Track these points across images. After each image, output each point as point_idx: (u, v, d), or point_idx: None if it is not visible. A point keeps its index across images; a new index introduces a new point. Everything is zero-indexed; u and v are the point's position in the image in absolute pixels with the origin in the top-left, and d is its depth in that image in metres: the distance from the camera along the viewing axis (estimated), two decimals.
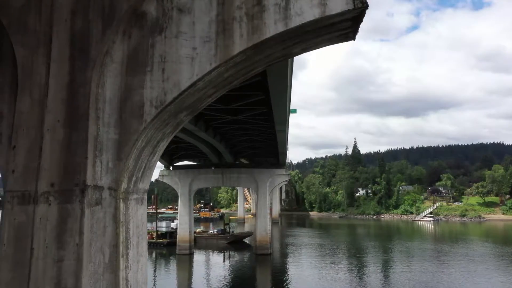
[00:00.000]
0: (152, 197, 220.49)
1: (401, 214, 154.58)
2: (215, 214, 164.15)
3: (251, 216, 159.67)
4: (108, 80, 6.90)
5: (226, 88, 8.10)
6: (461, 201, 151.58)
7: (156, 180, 75.50)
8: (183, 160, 73.33)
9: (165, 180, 68.59)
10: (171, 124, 7.72)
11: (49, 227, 6.32)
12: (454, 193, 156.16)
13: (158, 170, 70.57)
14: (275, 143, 55.78)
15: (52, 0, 6.93)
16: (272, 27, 6.82)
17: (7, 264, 6.28)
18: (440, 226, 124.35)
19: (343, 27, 7.28)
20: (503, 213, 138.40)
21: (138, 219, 7.48)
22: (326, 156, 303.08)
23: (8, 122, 7.03)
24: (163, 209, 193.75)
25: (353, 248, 76.40)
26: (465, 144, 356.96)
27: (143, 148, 7.23)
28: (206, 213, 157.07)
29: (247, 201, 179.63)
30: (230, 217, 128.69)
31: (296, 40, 7.35)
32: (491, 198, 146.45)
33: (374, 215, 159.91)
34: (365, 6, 6.69)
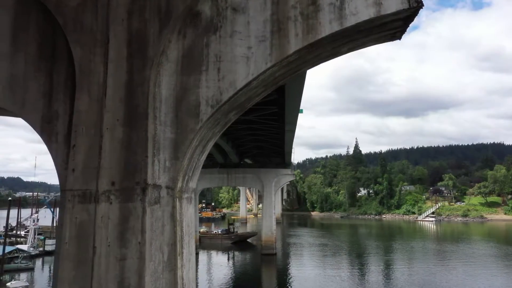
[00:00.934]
0: None
1: (403, 214, 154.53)
2: (217, 214, 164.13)
3: (252, 216, 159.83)
4: (163, 79, 6.93)
5: (272, 88, 8.13)
6: (463, 201, 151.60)
7: None
8: None
9: None
10: (221, 123, 7.74)
11: (111, 226, 6.34)
12: (456, 193, 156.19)
13: None
14: (281, 143, 55.83)
15: (108, 0, 6.94)
16: (327, 26, 6.84)
17: (69, 263, 6.31)
18: (442, 226, 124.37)
19: (393, 26, 7.31)
20: (505, 213, 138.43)
21: (188, 218, 7.51)
22: (327, 156, 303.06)
23: (63, 121, 7.05)
24: None
25: (357, 248, 76.43)
26: (465, 144, 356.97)
27: (196, 147, 7.26)
28: (208, 213, 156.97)
29: (248, 201, 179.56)
30: (233, 217, 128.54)
31: (346, 39, 7.37)
32: (493, 198, 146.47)
33: (376, 215, 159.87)
34: (420, 5, 6.72)
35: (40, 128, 7.10)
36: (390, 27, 7.32)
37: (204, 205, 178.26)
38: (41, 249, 67.41)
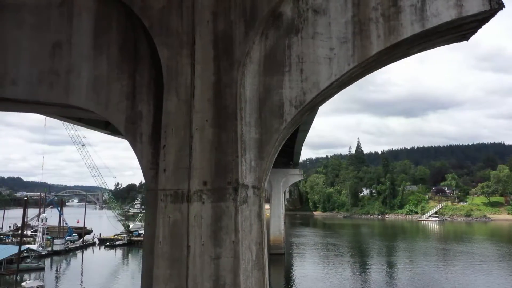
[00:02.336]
0: None
1: (405, 214, 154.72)
2: None
3: None
4: (247, 80, 7.01)
5: (343, 88, 8.21)
6: (466, 201, 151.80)
7: None
8: None
9: None
10: (296, 123, 7.83)
11: (204, 225, 6.43)
12: (459, 193, 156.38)
13: None
14: (292, 143, 55.90)
15: (192, 2, 7.03)
16: (409, 28, 6.92)
17: (164, 261, 6.39)
18: (446, 226, 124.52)
19: (468, 27, 7.40)
20: (508, 213, 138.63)
21: (264, 217, 7.59)
22: (327, 156, 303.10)
23: (147, 122, 7.14)
24: None
25: (363, 247, 76.56)
26: (466, 144, 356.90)
27: (277, 147, 7.35)
28: None
29: None
30: None
31: (423, 40, 7.46)
32: (496, 198, 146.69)
33: (378, 215, 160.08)
34: (501, 6, 6.81)
35: (125, 128, 7.18)
36: (465, 28, 7.41)
37: None
38: (49, 249, 67.49)
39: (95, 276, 52.41)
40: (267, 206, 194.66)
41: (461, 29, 7.39)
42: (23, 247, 58.93)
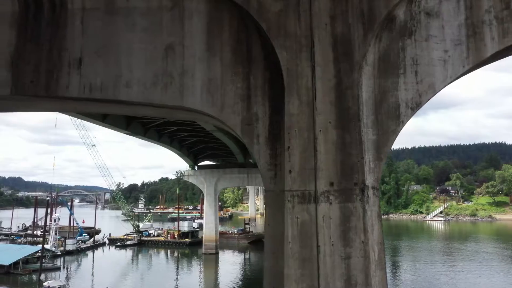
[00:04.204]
0: (160, 197, 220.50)
1: (410, 213, 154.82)
2: (225, 214, 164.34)
3: (259, 215, 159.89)
4: (363, 82, 7.11)
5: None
6: (471, 201, 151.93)
7: (179, 180, 75.66)
8: (205, 160, 73.58)
9: (190, 180, 68.85)
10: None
11: (333, 226, 6.52)
12: (463, 193, 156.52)
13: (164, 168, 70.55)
14: None
15: (310, 5, 7.12)
16: None
17: (294, 261, 6.48)
18: (451, 225, 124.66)
19: None
20: None
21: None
22: None
23: (264, 123, 7.23)
24: (171, 208, 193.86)
25: None
26: (467, 144, 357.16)
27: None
28: None
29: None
30: (244, 217, 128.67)
31: None
32: (501, 198, 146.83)
33: (383, 214, 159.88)
34: None
35: (241, 130, 7.27)
36: None
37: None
38: (61, 248, 67.58)
39: (111, 276, 52.51)
40: None
41: None
42: (39, 247, 58.98)
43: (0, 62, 7.53)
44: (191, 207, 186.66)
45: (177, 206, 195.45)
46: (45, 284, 41.31)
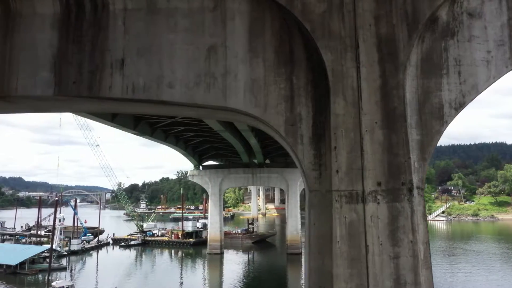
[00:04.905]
0: (162, 197, 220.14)
1: None
2: (226, 214, 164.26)
3: (261, 215, 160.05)
4: (407, 82, 7.15)
5: None
6: (473, 201, 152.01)
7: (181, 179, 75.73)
8: (209, 160, 73.63)
9: (195, 180, 68.88)
10: None
11: (381, 225, 6.57)
12: (465, 193, 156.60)
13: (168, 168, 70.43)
14: None
15: (353, 6, 7.16)
16: None
17: (343, 261, 6.52)
18: (454, 225, 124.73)
19: None
20: None
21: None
22: None
23: (307, 124, 7.27)
24: (172, 208, 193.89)
25: None
26: (468, 144, 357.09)
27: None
28: None
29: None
30: (248, 217, 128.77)
31: None
32: (503, 197, 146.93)
33: None
34: None
35: (284, 131, 7.31)
36: None
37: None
38: (66, 248, 67.64)
39: (118, 276, 52.57)
40: (271, 206, 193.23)
41: None
42: (45, 247, 59.08)
43: (42, 63, 7.57)
44: (192, 207, 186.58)
45: (178, 206, 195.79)
46: (54, 284, 41.34)
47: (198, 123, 43.83)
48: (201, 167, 68.88)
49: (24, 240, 76.94)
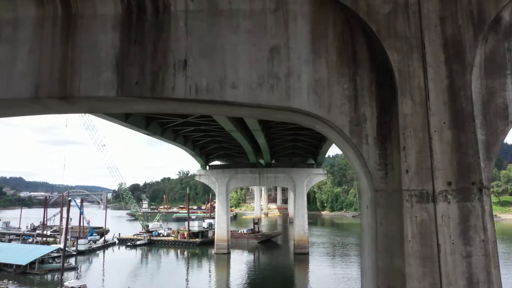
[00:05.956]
0: (164, 197, 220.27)
1: None
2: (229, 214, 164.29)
3: (263, 215, 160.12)
4: (472, 83, 7.19)
5: None
6: None
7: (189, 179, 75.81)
8: (215, 160, 73.71)
9: (201, 180, 68.92)
10: None
11: (452, 224, 6.62)
12: None
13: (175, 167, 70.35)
14: (318, 143, 56.21)
15: (419, 7, 7.22)
16: None
17: (416, 260, 6.58)
18: None
19: None
20: None
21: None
22: (329, 155, 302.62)
23: (372, 124, 7.32)
24: (175, 208, 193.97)
25: None
26: None
27: None
28: None
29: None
30: (252, 217, 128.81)
31: None
32: (506, 197, 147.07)
33: None
34: None
35: (349, 131, 7.36)
36: None
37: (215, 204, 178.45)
38: (73, 248, 67.70)
39: (128, 275, 52.66)
40: (273, 206, 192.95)
41: None
42: (54, 247, 59.13)
43: (105, 64, 7.63)
44: (195, 207, 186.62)
45: (181, 206, 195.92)
46: (66, 284, 41.38)
47: (209, 123, 43.91)
48: (207, 167, 68.92)
49: (30, 240, 76.98)
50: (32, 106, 8.39)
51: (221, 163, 74.68)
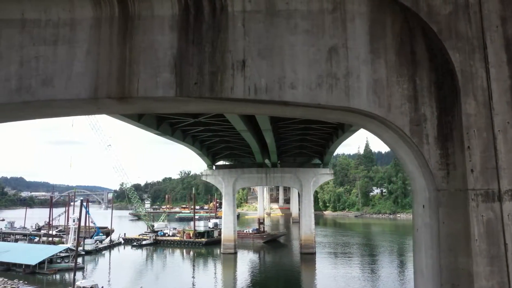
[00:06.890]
0: (166, 197, 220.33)
1: None
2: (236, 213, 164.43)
3: (265, 215, 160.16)
4: None
5: None
6: None
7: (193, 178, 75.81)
8: (221, 160, 73.82)
9: (208, 180, 69.02)
10: None
11: None
12: None
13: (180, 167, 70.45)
14: (326, 143, 56.28)
15: (479, 7, 7.26)
16: None
17: (483, 259, 6.62)
18: None
19: None
20: None
21: None
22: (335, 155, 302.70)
23: (432, 124, 7.36)
24: (177, 208, 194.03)
25: (391, 247, 76.80)
26: None
27: None
28: (221, 213, 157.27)
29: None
30: (257, 217, 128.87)
31: None
32: None
33: (390, 214, 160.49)
34: None
35: (410, 130, 7.39)
36: None
37: (218, 204, 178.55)
38: (80, 248, 67.74)
39: (137, 275, 52.77)
40: (275, 206, 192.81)
41: None
42: (62, 247, 59.18)
43: (163, 64, 7.68)
44: (197, 207, 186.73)
45: (183, 206, 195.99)
46: (78, 283, 41.44)
47: (219, 123, 43.98)
48: (214, 167, 69.00)
49: (36, 240, 77.06)
50: (87, 106, 8.45)
51: (227, 163, 74.73)
